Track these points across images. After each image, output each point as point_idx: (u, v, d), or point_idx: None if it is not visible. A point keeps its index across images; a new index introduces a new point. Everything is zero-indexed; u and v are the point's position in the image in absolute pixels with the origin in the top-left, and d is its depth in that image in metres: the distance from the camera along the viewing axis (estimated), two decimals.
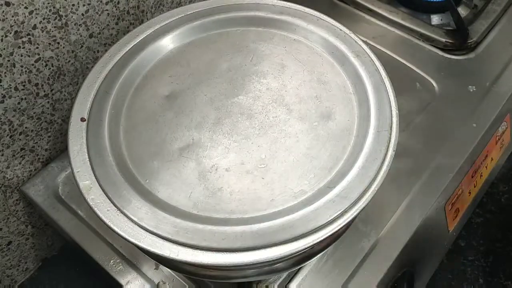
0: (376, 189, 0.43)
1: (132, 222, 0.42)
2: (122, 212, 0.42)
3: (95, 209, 0.42)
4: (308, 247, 0.41)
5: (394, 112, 0.48)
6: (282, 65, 0.54)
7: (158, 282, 0.57)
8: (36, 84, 0.60)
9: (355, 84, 0.52)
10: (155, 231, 0.41)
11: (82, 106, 0.49)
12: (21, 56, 0.55)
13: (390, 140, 0.47)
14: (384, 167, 0.45)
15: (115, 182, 0.44)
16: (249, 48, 0.56)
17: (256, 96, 0.51)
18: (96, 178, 0.44)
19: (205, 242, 0.41)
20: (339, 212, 0.42)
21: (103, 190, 0.43)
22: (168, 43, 0.56)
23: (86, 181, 0.44)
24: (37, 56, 0.57)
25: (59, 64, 0.61)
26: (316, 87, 0.52)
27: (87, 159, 0.45)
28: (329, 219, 0.41)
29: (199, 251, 0.41)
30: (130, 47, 0.54)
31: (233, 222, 0.42)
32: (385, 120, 0.48)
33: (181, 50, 0.56)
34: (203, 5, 0.58)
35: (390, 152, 0.46)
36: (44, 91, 0.61)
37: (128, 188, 0.44)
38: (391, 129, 0.47)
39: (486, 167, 0.74)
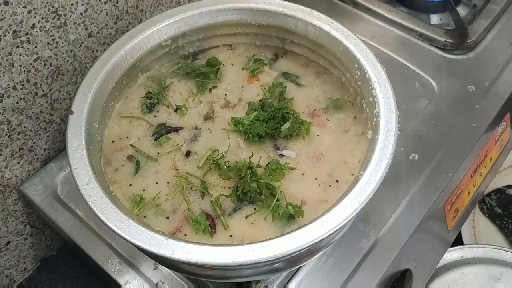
0: (375, 190, 0.43)
1: (129, 219, 0.41)
2: (119, 210, 0.42)
3: (92, 206, 0.42)
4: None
5: (394, 112, 0.48)
6: None
7: (157, 282, 0.57)
8: (35, 84, 0.59)
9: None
10: (150, 229, 0.41)
11: (81, 104, 0.49)
12: (20, 55, 0.55)
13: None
14: (383, 168, 0.45)
15: None
16: None
17: None
18: (94, 175, 0.44)
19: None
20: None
21: (101, 187, 0.43)
22: None
23: (84, 178, 0.44)
24: (35, 56, 0.57)
25: (57, 64, 0.61)
26: None
27: (86, 156, 0.45)
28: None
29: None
30: (129, 46, 0.54)
31: None
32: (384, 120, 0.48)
33: None
34: (202, 4, 0.58)
35: (389, 152, 0.45)
36: (43, 91, 0.61)
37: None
38: (390, 129, 0.47)
39: (485, 166, 0.74)
